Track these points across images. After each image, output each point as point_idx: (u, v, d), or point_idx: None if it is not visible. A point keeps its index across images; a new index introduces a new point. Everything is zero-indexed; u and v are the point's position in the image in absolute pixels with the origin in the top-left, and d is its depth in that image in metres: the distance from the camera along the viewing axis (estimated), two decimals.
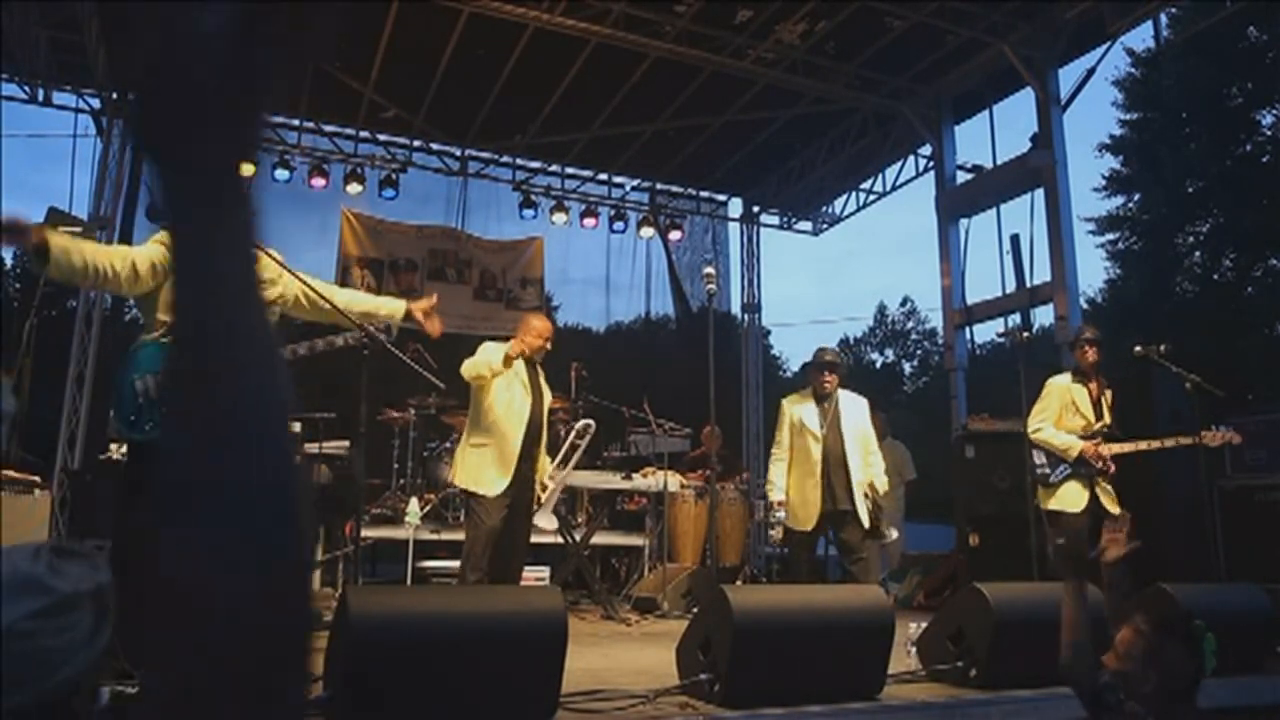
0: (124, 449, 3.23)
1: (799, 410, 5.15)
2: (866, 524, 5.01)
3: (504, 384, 4.74)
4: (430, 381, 4.14)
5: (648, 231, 10.96)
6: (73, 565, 1.06)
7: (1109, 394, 5.25)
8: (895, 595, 7.16)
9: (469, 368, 4.75)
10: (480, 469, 4.69)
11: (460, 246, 10.29)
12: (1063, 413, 5.12)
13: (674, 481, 7.19)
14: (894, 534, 5.32)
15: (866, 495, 5.05)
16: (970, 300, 8.76)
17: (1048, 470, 5.07)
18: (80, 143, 8.75)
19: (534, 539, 6.88)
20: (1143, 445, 5.00)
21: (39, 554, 1.04)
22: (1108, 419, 5.14)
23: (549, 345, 4.90)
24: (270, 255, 3.42)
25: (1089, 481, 4.98)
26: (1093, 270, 31.76)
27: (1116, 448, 5.01)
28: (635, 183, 11.28)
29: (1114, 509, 4.94)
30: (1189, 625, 2.09)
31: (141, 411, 3.09)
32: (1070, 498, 4.97)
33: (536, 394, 4.88)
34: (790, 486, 5.10)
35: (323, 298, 3.48)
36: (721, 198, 11.86)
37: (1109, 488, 5.03)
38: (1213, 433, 4.95)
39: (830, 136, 10.20)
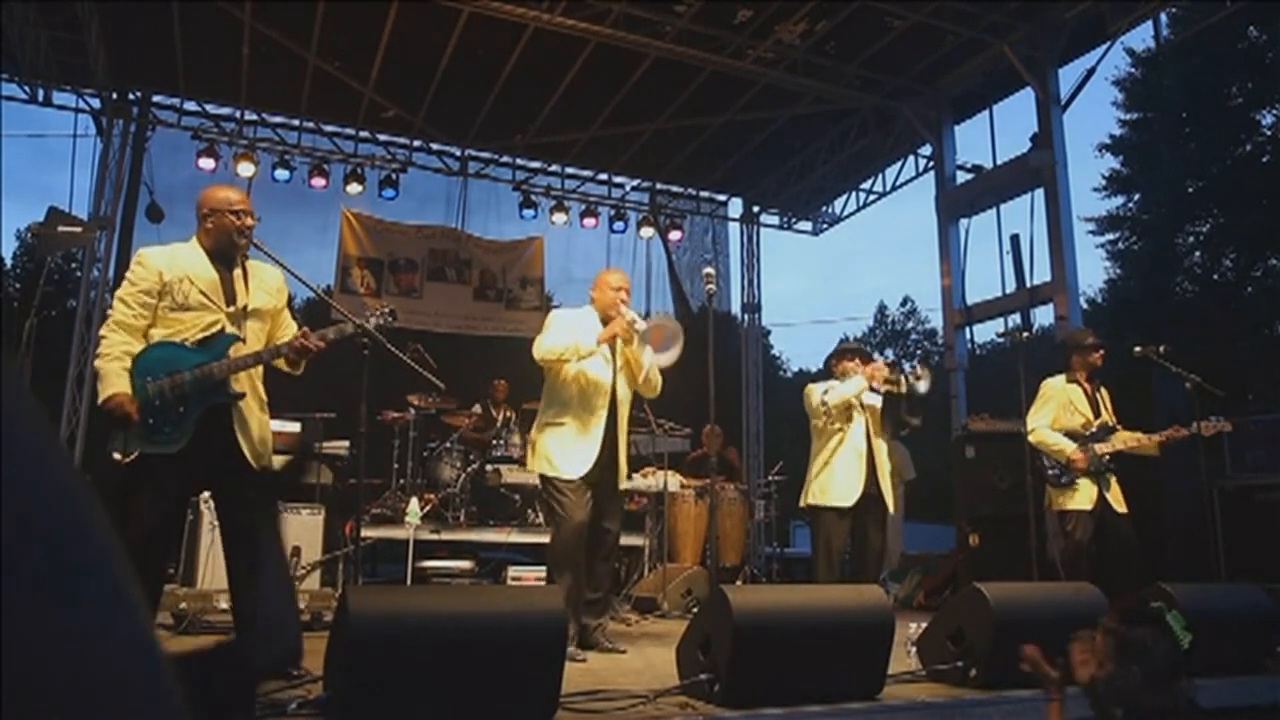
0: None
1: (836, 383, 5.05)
2: (891, 508, 4.92)
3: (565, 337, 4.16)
4: (430, 381, 4.12)
5: (648, 231, 10.96)
6: None
7: (1104, 393, 5.28)
8: (895, 595, 7.16)
9: (548, 349, 4.07)
10: (558, 449, 4.08)
11: (460, 246, 10.29)
12: (1060, 413, 5.14)
13: (674, 481, 7.19)
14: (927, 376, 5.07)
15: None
16: (970, 300, 8.76)
17: (1057, 471, 5.08)
18: (80, 143, 8.77)
19: (532, 538, 6.93)
20: (1144, 439, 5.04)
21: None
22: (1106, 416, 5.17)
23: (626, 297, 4.27)
24: (281, 263, 3.41)
25: (1097, 479, 4.99)
26: (1093, 270, 31.86)
27: (1119, 440, 5.04)
28: (635, 183, 11.28)
29: (1120, 507, 4.99)
30: (1149, 608, 2.13)
31: (158, 415, 3.05)
32: (1081, 497, 4.98)
33: (616, 365, 4.23)
34: (835, 464, 4.85)
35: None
36: (721, 198, 11.86)
37: (1116, 486, 5.05)
38: (1208, 423, 5.00)
39: (830, 136, 10.19)
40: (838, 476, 4.80)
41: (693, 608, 5.72)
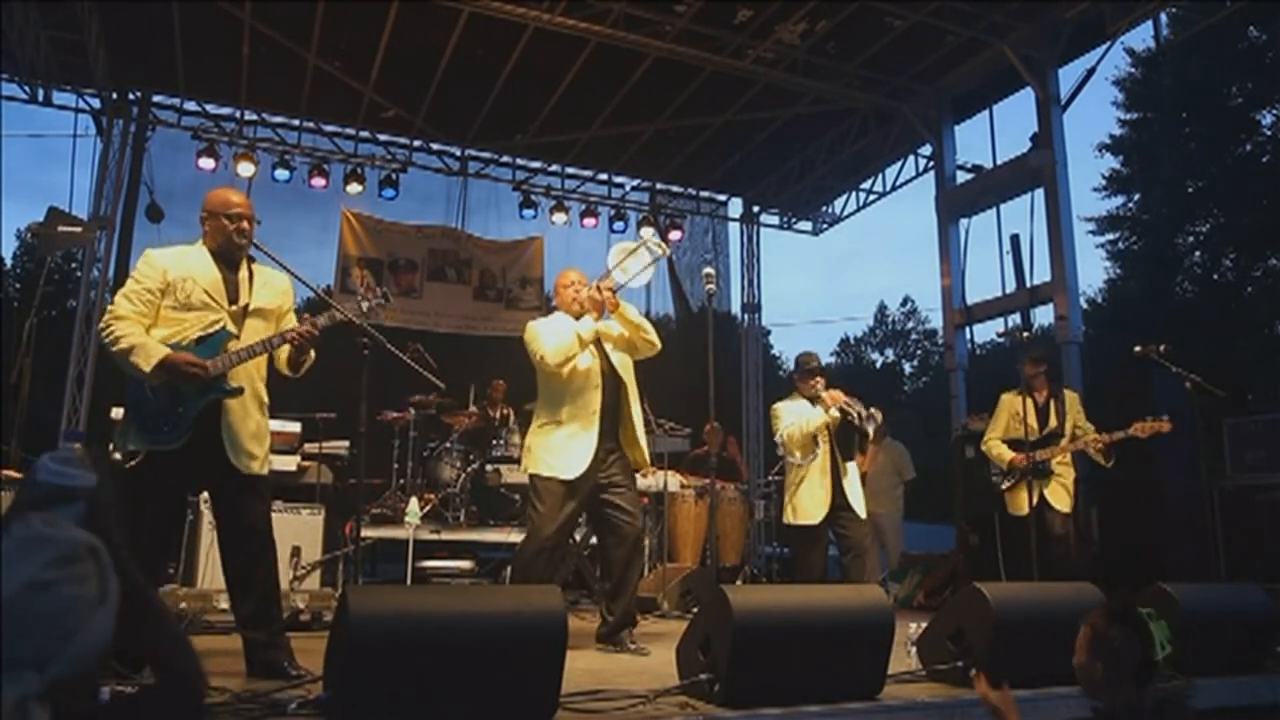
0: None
1: (799, 410, 5.10)
2: (864, 515, 5.04)
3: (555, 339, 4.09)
4: (430, 381, 4.12)
5: (648, 231, 10.95)
6: (61, 523, 1.08)
7: (1067, 399, 5.47)
8: (895, 595, 7.16)
9: (555, 350, 3.99)
10: (550, 448, 4.01)
11: (460, 246, 10.30)
12: (1010, 423, 5.51)
13: (674, 481, 7.19)
14: (879, 416, 5.15)
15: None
16: (970, 300, 8.76)
17: (998, 478, 5.55)
18: (80, 142, 8.78)
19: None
20: (1084, 443, 5.30)
21: (26, 520, 1.07)
22: (1055, 423, 5.40)
23: (581, 289, 4.22)
24: (281, 263, 3.41)
25: (1030, 485, 5.30)
26: (1093, 270, 31.90)
27: (1062, 446, 5.33)
28: (635, 183, 11.29)
29: (1059, 505, 5.28)
30: (1133, 613, 2.13)
31: (157, 414, 3.04)
32: (1019, 501, 5.37)
33: (604, 353, 4.19)
34: (802, 485, 5.02)
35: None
36: (721, 198, 11.86)
37: (1058, 487, 5.32)
38: (1143, 423, 5.14)
39: (830, 136, 10.19)
40: (804, 496, 5.00)
41: (693, 608, 5.71)
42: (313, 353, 3.34)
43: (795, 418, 5.05)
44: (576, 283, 4.29)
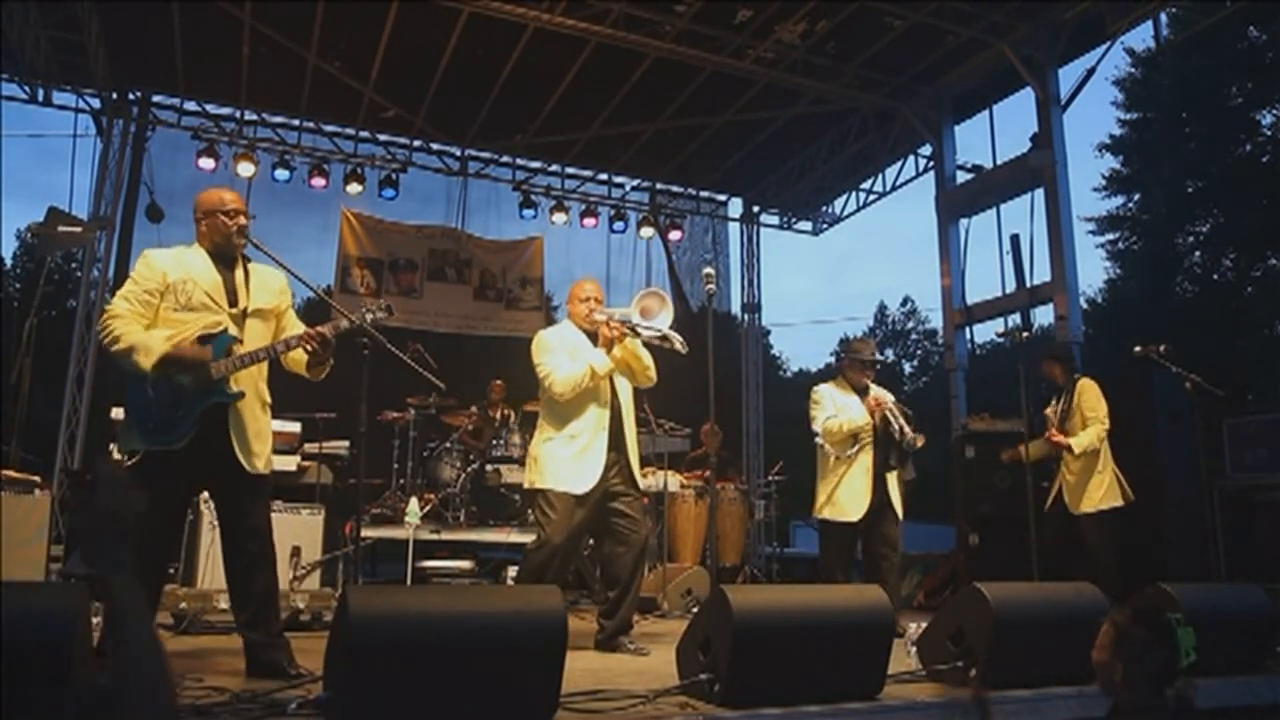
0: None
1: (844, 400, 4.94)
2: (901, 515, 4.91)
3: (568, 361, 4.08)
4: (430, 381, 4.12)
5: (648, 231, 10.96)
6: None
7: (1080, 386, 5.45)
8: None
9: (568, 380, 4.00)
10: (558, 464, 4.02)
11: (460, 246, 10.30)
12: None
13: (674, 481, 7.19)
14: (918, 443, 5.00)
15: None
16: (970, 300, 8.76)
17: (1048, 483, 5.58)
18: (80, 142, 8.79)
19: (532, 538, 6.89)
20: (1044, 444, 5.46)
21: None
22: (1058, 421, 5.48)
23: (595, 305, 4.24)
24: (280, 263, 3.41)
25: (1054, 481, 5.45)
26: (1093, 270, 31.90)
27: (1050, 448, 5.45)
28: (635, 183, 11.28)
29: (1074, 508, 5.30)
30: (1162, 617, 2.09)
31: (158, 415, 3.04)
32: (1048, 499, 5.47)
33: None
34: (841, 479, 4.83)
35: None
36: (721, 198, 11.86)
37: (1072, 487, 5.35)
38: (1054, 426, 5.39)
39: (830, 136, 10.20)
40: (843, 492, 4.82)
41: (693, 608, 5.72)
42: (331, 359, 3.33)
43: (836, 409, 4.89)
44: (592, 299, 4.26)
